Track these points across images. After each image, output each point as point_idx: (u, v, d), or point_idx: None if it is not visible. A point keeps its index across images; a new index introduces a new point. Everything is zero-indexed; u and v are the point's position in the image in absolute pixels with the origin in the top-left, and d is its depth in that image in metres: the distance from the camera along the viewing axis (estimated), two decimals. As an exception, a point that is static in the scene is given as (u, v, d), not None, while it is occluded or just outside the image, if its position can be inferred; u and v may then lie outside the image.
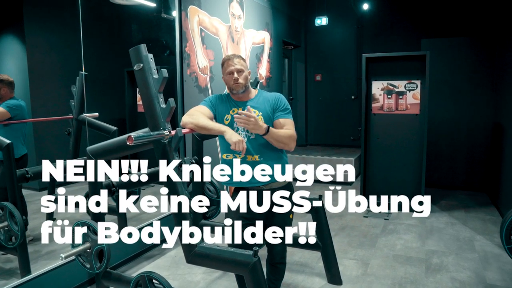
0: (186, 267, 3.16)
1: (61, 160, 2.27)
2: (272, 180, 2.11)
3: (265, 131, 1.98)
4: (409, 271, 3.08)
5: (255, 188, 2.11)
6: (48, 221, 2.46)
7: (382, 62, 4.68)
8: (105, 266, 2.18)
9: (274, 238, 2.14)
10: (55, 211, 3.24)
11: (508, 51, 4.48)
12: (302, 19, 7.51)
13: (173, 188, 1.94)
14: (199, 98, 4.16)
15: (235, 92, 2.13)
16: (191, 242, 1.92)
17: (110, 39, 4.02)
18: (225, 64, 2.15)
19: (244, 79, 2.11)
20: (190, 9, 4.00)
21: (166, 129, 1.91)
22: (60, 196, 2.30)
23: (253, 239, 2.08)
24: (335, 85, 7.50)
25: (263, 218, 2.13)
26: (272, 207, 2.13)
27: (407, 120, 4.61)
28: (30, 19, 3.15)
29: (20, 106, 2.92)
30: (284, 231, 2.17)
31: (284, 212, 2.15)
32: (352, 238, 3.80)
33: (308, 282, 2.93)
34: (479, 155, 5.40)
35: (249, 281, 1.81)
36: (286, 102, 2.17)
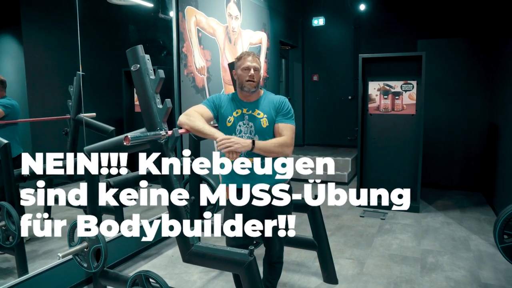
0: (183, 266, 3.17)
1: (41, 153, 2.23)
2: (273, 183, 2.11)
3: (252, 146, 1.96)
4: (405, 271, 3.10)
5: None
6: (27, 215, 2.46)
7: (379, 62, 4.71)
8: (102, 265, 2.19)
9: (274, 232, 2.13)
10: (52, 210, 3.27)
11: (504, 51, 4.51)
12: (299, 19, 7.53)
13: (168, 183, 1.95)
14: (196, 98, 4.18)
15: (246, 90, 2.09)
16: (188, 235, 1.93)
17: (108, 39, 4.03)
18: (242, 59, 2.11)
19: (258, 78, 2.10)
20: (187, 10, 4.02)
21: (162, 129, 1.93)
22: (39, 189, 2.30)
23: (253, 233, 2.09)
24: (332, 85, 7.53)
25: (262, 213, 2.13)
26: (271, 201, 2.11)
27: (403, 121, 4.64)
28: (27, 20, 3.15)
29: (12, 105, 2.93)
30: (286, 225, 2.17)
31: (283, 206, 2.13)
32: (348, 237, 3.83)
33: (304, 282, 2.95)
34: (474, 155, 5.44)
35: (244, 280, 1.83)
36: (290, 107, 2.14)
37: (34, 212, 3.07)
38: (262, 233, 2.18)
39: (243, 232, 2.09)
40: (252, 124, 2.09)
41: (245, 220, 2.09)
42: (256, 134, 2.09)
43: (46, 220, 3.19)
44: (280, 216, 2.14)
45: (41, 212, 3.21)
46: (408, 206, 4.43)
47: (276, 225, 2.14)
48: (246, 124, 2.10)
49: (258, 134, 2.09)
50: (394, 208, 4.58)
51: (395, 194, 2.34)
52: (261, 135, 2.09)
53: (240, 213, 2.09)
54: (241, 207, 2.10)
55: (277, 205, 2.12)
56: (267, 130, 2.09)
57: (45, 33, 3.36)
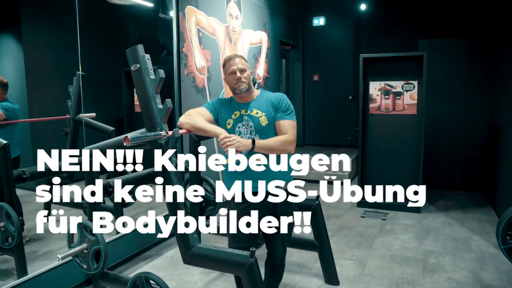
0: (184, 267, 3.16)
1: (57, 149, 2.23)
2: (287, 180, 2.11)
3: (252, 146, 1.95)
4: (406, 271, 3.09)
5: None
6: (44, 211, 2.44)
7: (379, 62, 4.69)
8: (102, 266, 2.17)
9: (276, 228, 2.11)
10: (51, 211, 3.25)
11: (505, 51, 4.50)
12: (300, 19, 7.52)
13: (168, 179, 1.94)
14: (197, 98, 4.16)
15: (238, 92, 2.08)
16: (187, 232, 1.92)
17: (108, 39, 4.02)
18: (226, 65, 2.11)
19: (246, 78, 2.08)
20: (188, 10, 4.00)
21: (163, 130, 1.92)
22: (55, 186, 2.29)
23: (254, 229, 2.07)
24: (333, 85, 7.52)
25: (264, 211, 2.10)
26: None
27: (404, 121, 4.62)
28: (27, 19, 3.14)
29: (14, 109, 2.92)
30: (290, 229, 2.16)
31: (285, 205, 2.12)
32: (350, 238, 3.81)
33: (305, 283, 2.93)
34: (476, 156, 5.42)
35: (246, 282, 1.81)
36: (288, 102, 2.13)
37: (34, 212, 3.06)
38: (265, 235, 2.17)
39: (245, 234, 2.07)
40: (252, 124, 2.08)
41: (247, 220, 2.08)
42: (256, 133, 2.07)
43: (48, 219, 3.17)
44: (283, 217, 2.12)
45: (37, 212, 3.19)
46: (423, 203, 4.43)
47: (278, 226, 2.12)
48: (246, 125, 2.09)
49: (258, 133, 2.07)
50: (395, 208, 4.57)
51: (410, 191, 2.32)
52: (261, 134, 2.07)
53: (243, 213, 2.08)
54: (244, 207, 2.09)
55: (278, 204, 2.10)
56: (267, 128, 2.08)
57: (45, 33, 3.35)
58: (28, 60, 3.12)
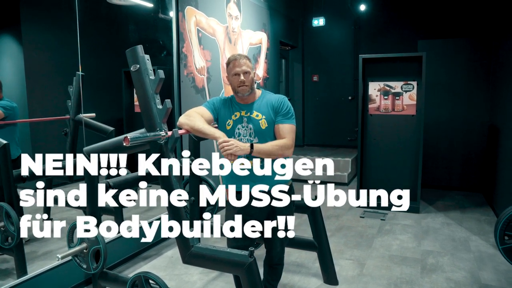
0: (183, 267, 3.17)
1: (40, 154, 2.22)
2: (272, 184, 2.10)
3: (250, 150, 1.95)
4: (405, 271, 3.10)
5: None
6: (27, 215, 2.44)
7: (379, 63, 4.70)
8: (102, 266, 2.18)
9: (274, 233, 2.12)
10: (51, 210, 3.26)
11: (504, 52, 4.51)
12: (300, 19, 7.53)
13: (167, 183, 1.95)
14: (196, 98, 4.17)
15: (240, 94, 2.08)
16: (188, 236, 1.93)
17: (107, 39, 4.02)
18: (231, 65, 2.09)
19: (250, 81, 2.07)
20: (187, 10, 4.01)
21: (162, 130, 1.92)
22: (38, 191, 2.29)
23: (253, 234, 2.07)
24: (332, 85, 7.53)
25: (263, 214, 2.11)
26: (271, 202, 2.10)
27: (404, 121, 4.63)
28: (27, 19, 3.15)
29: (13, 107, 2.93)
30: (286, 226, 2.16)
31: (284, 207, 2.12)
32: (349, 238, 3.82)
33: (304, 283, 2.94)
34: (475, 156, 5.43)
35: (245, 282, 1.82)
36: (289, 106, 2.12)
37: (33, 212, 3.06)
38: (263, 234, 2.17)
39: (244, 234, 2.08)
40: (251, 126, 2.08)
41: (246, 221, 2.08)
42: (256, 136, 2.07)
43: (45, 221, 3.18)
44: (281, 217, 2.13)
45: (40, 213, 3.20)
46: (407, 207, 4.40)
47: (277, 226, 2.13)
48: (245, 127, 2.09)
49: (257, 136, 2.07)
50: (394, 208, 4.57)
51: (394, 195, 2.33)
52: (261, 137, 2.07)
53: (240, 214, 2.08)
54: (241, 208, 2.09)
55: (277, 206, 2.10)
56: (266, 131, 2.08)
57: (45, 33, 3.35)
58: (28, 61, 3.13)
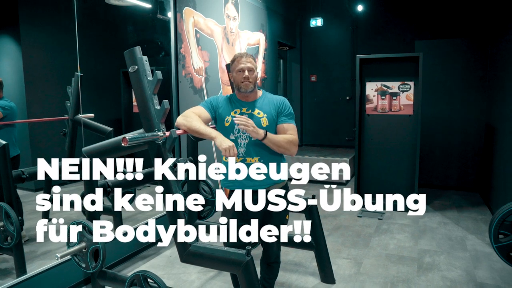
0: (181, 266, 3.19)
1: (57, 158, 2.29)
2: (269, 183, 2.12)
3: (263, 136, 1.99)
4: (402, 270, 3.12)
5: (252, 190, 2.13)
6: (43, 220, 2.47)
7: (376, 63, 4.73)
8: (101, 265, 2.20)
9: (269, 236, 2.15)
10: (51, 210, 3.27)
11: (500, 52, 4.54)
12: (297, 20, 7.55)
13: (168, 187, 1.97)
14: (194, 99, 4.19)
15: (243, 90, 2.11)
16: (186, 240, 1.95)
17: (106, 40, 4.04)
18: (236, 61, 2.13)
19: (254, 78, 2.11)
20: (185, 11, 4.03)
21: (160, 130, 1.94)
22: (55, 195, 2.32)
23: (248, 238, 2.10)
24: (330, 86, 7.55)
25: (258, 217, 2.15)
26: (267, 206, 2.14)
27: (401, 121, 4.66)
28: (25, 20, 3.16)
29: (11, 107, 2.94)
30: (280, 230, 2.19)
31: (279, 211, 2.15)
32: (346, 237, 3.84)
33: (301, 281, 2.96)
34: (472, 156, 5.46)
35: (242, 280, 1.84)
36: (290, 107, 2.18)
37: (33, 212, 3.08)
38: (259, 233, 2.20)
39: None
40: None
41: (242, 222, 2.11)
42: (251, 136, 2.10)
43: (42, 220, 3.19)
44: (277, 216, 2.15)
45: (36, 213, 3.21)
46: (423, 211, 4.45)
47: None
48: None
49: None
50: (391, 208, 4.59)
51: (410, 200, 2.33)
52: None
53: (238, 215, 2.11)
54: (239, 210, 2.12)
55: (273, 210, 2.14)
56: (267, 129, 2.10)
57: (43, 33, 3.36)
58: (26, 61, 3.14)
